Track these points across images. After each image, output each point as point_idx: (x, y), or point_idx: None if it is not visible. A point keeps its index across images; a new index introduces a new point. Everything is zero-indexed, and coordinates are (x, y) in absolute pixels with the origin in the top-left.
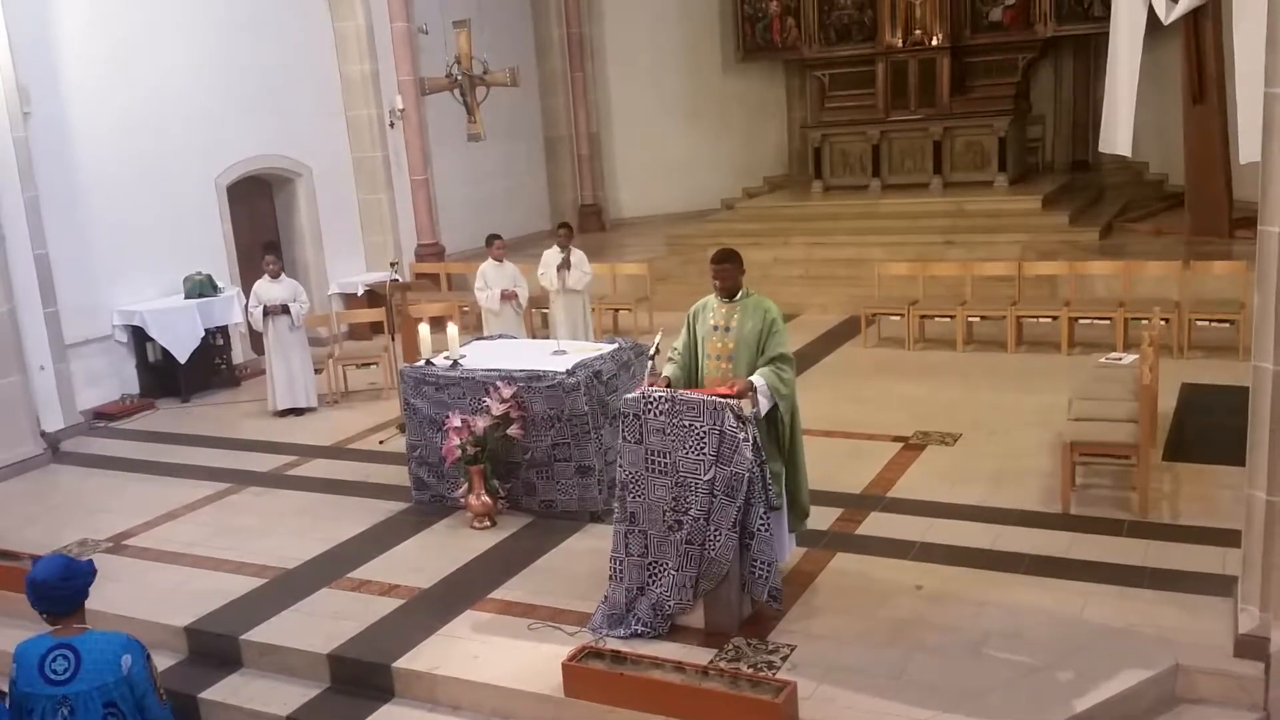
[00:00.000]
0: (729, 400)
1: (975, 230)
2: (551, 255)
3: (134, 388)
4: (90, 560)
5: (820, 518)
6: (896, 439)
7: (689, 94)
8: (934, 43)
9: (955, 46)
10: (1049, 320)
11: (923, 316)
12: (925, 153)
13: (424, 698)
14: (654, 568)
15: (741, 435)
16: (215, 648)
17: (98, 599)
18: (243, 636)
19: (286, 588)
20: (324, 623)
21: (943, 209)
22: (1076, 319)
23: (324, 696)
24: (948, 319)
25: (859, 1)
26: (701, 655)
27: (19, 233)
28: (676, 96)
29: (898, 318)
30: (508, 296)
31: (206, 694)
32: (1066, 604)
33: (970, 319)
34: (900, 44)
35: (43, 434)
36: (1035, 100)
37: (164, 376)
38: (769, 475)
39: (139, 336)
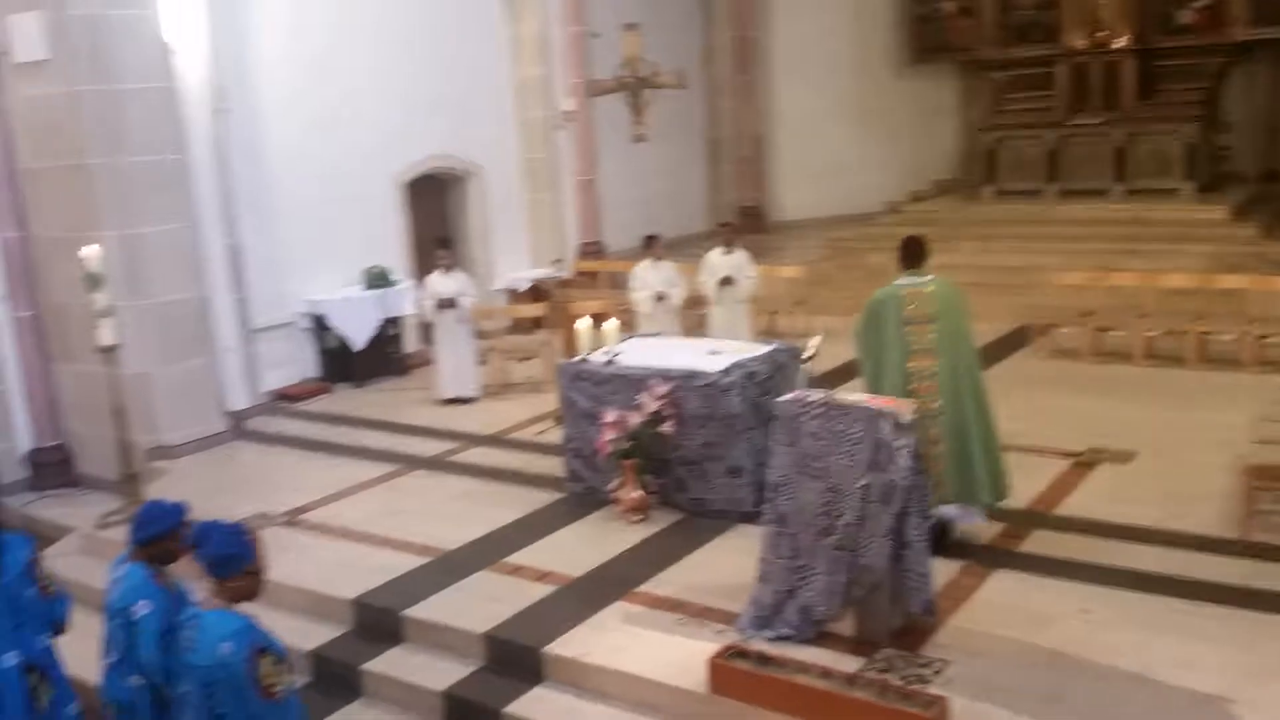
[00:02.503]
0: (887, 408)
1: (1158, 240)
2: (715, 257)
3: (313, 372)
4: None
5: (981, 532)
6: (1066, 455)
7: (857, 96)
8: (1119, 45)
9: (1142, 49)
10: (1234, 337)
11: (1099, 329)
12: (1106, 158)
13: (571, 683)
14: (803, 571)
15: (898, 443)
16: (379, 622)
17: (272, 570)
18: (404, 612)
19: (446, 568)
20: (480, 604)
21: (1123, 217)
22: (1264, 337)
23: (478, 675)
24: (1125, 332)
25: (1039, 1)
26: (850, 663)
27: (213, 223)
28: (844, 98)
29: (1072, 329)
30: (659, 298)
31: (368, 665)
32: (1240, 634)
33: (1149, 333)
34: (1083, 45)
35: (228, 412)
36: (1226, 106)
37: (341, 362)
38: (924, 485)
39: (320, 323)
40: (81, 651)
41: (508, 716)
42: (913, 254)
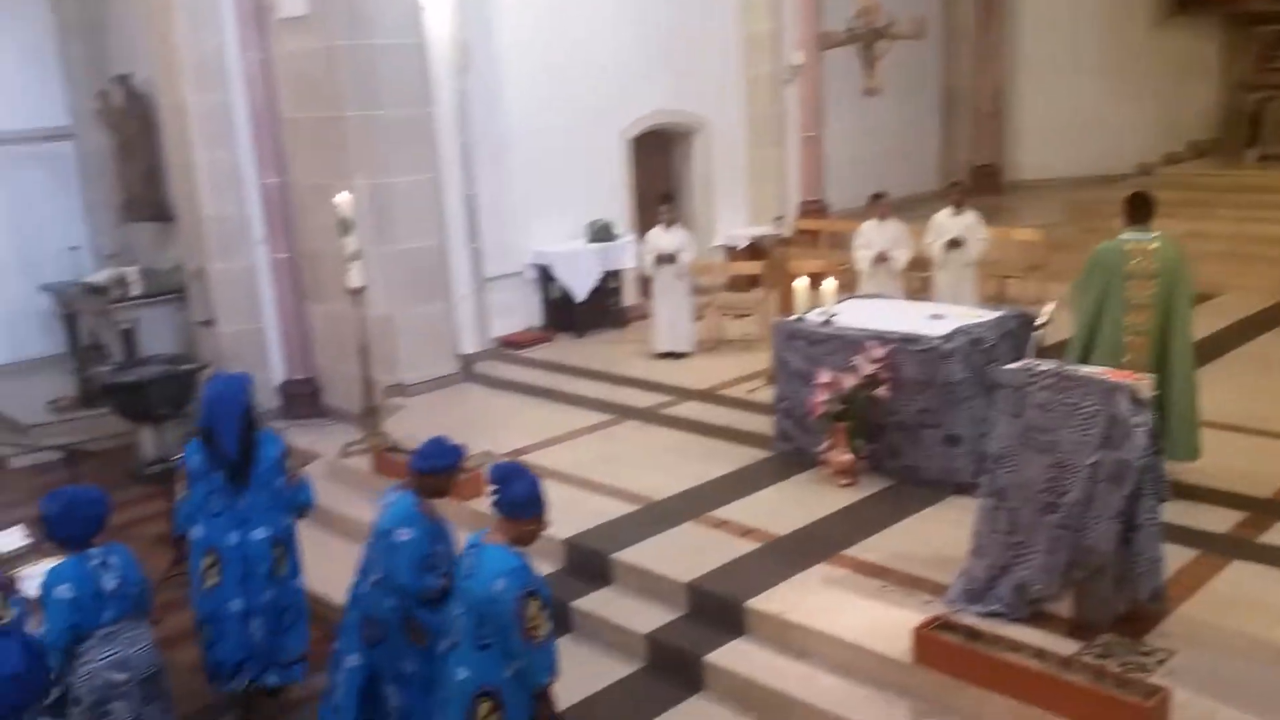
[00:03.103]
0: (1125, 381)
1: None
2: (944, 218)
3: (537, 321)
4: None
5: (1218, 520)
6: None
7: (1108, 50)
8: None
9: None
10: None
11: None
12: None
13: (772, 639)
14: (1021, 548)
15: (1135, 420)
16: (589, 563)
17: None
18: (613, 555)
19: (654, 517)
20: (685, 554)
21: None
22: None
23: (680, 622)
24: None
25: None
26: (1065, 646)
27: (453, 176)
28: (1095, 51)
29: None
30: (881, 259)
31: (578, 603)
32: None
33: None
34: None
35: (459, 355)
36: None
37: (563, 313)
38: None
39: (545, 274)
40: (322, 569)
41: (708, 665)
42: (1139, 209)
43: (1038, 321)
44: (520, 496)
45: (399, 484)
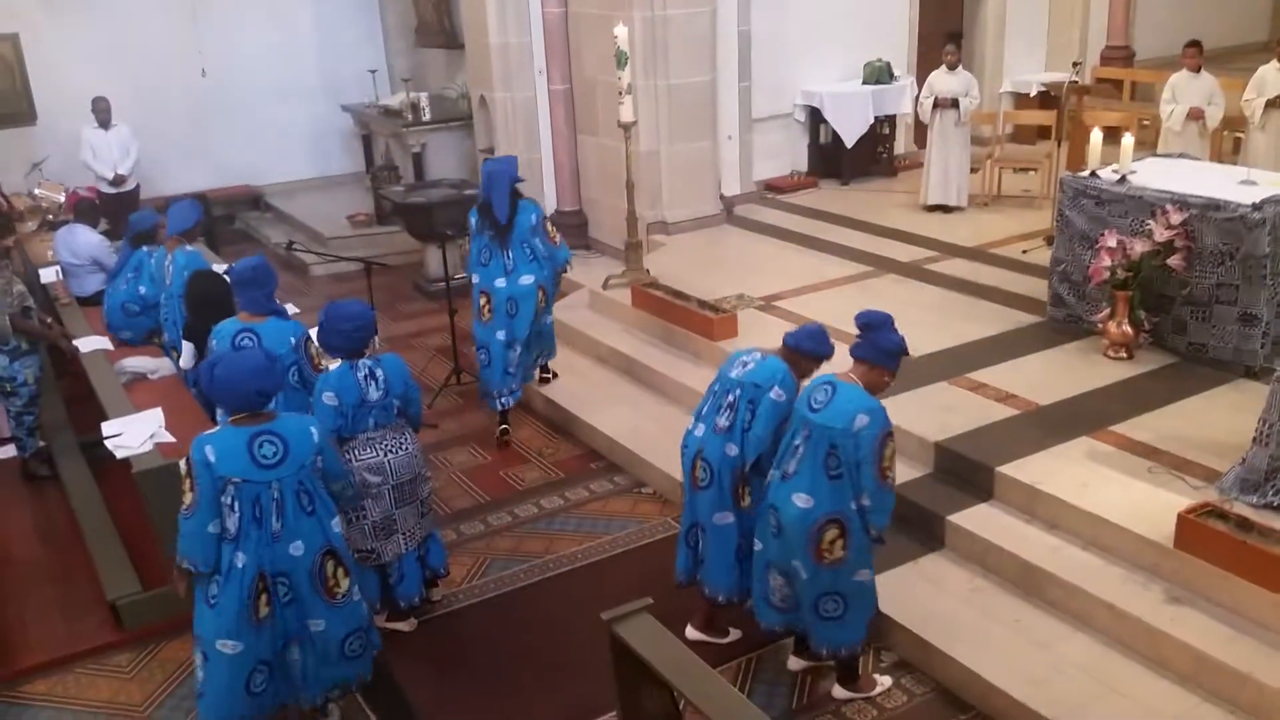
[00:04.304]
0: None
1: None
2: (1270, 73)
3: (802, 165)
4: None
5: None
6: None
7: None
8: None
9: None
10: None
11: None
12: None
13: (1021, 508)
14: None
15: None
16: None
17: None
18: None
19: (906, 373)
20: (936, 413)
21: None
22: None
23: (925, 480)
24: None
25: None
26: None
27: (729, 8)
28: None
29: None
30: (1195, 116)
31: None
32: None
33: None
34: None
35: (721, 196)
36: None
37: (829, 158)
38: None
39: (814, 117)
40: (569, 386)
41: (951, 524)
42: None
43: None
44: (889, 346)
45: (762, 349)
